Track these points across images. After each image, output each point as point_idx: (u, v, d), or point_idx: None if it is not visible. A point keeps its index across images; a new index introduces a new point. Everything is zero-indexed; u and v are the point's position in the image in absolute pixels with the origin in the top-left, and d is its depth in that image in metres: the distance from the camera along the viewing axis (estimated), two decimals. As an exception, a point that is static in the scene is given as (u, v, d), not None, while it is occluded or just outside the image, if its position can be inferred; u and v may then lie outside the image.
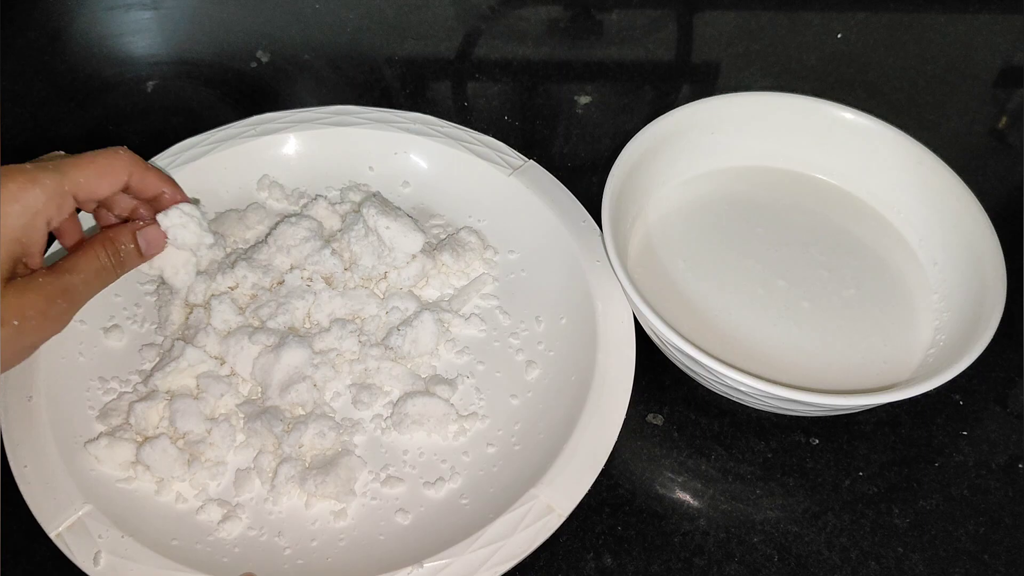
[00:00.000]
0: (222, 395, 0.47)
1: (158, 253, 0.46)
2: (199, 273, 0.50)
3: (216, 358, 0.48)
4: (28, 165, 0.40)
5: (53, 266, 0.41)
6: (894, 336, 0.51)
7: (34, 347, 0.41)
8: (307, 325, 0.50)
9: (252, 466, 0.45)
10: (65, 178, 0.41)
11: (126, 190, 0.45)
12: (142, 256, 0.45)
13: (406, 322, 0.50)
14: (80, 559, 0.40)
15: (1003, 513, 0.47)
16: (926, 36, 0.75)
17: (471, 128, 0.58)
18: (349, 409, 0.48)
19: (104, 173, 0.42)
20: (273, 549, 0.43)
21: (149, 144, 0.56)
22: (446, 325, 0.51)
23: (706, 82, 0.71)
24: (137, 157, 0.44)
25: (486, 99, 0.68)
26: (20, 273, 0.40)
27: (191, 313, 0.50)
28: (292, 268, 0.52)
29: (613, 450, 0.44)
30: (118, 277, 0.44)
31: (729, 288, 0.52)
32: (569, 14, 0.75)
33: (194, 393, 0.47)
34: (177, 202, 0.46)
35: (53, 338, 0.42)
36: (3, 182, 0.39)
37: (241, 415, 0.47)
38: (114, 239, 0.44)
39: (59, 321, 0.41)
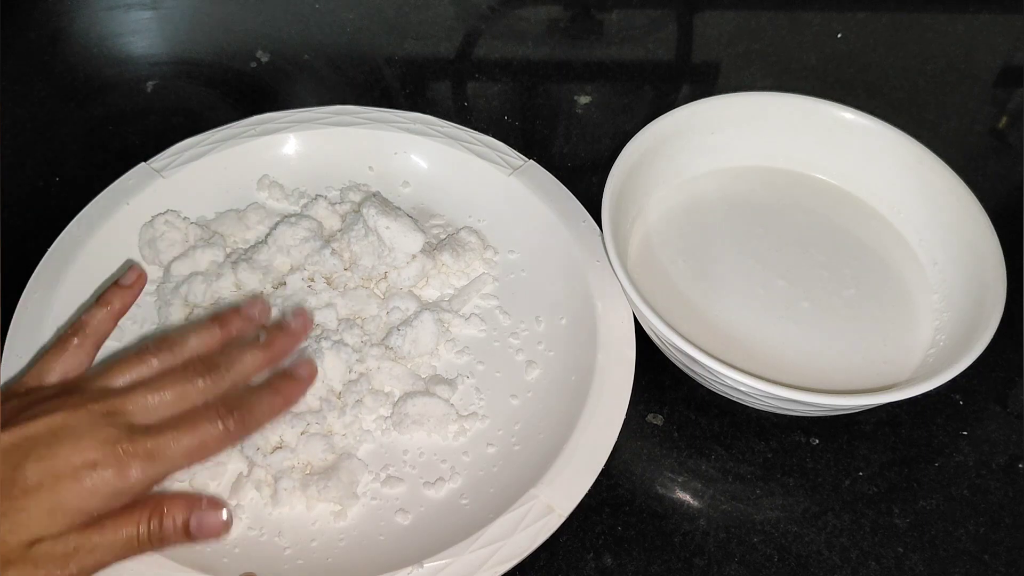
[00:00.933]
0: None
1: (209, 539, 0.36)
2: (199, 273, 0.51)
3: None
4: (128, 446, 0.34)
5: (83, 526, 0.33)
6: (894, 336, 0.51)
7: None
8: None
9: (248, 475, 0.45)
10: (164, 471, 0.35)
11: None
12: (189, 538, 0.35)
13: (406, 322, 0.50)
14: (80, 559, 0.40)
15: (1003, 513, 0.47)
16: (926, 36, 0.75)
17: (471, 128, 0.58)
18: (350, 414, 0.48)
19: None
20: (273, 549, 0.43)
21: (149, 144, 0.56)
22: (446, 325, 0.51)
23: (706, 82, 0.71)
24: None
25: (486, 99, 0.68)
26: None
27: (191, 313, 0.50)
28: (292, 269, 0.52)
29: (613, 450, 0.44)
30: (146, 552, 0.35)
31: (729, 288, 0.52)
32: (569, 14, 0.75)
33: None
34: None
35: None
36: (95, 464, 0.33)
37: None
38: (165, 510, 0.35)
39: None
